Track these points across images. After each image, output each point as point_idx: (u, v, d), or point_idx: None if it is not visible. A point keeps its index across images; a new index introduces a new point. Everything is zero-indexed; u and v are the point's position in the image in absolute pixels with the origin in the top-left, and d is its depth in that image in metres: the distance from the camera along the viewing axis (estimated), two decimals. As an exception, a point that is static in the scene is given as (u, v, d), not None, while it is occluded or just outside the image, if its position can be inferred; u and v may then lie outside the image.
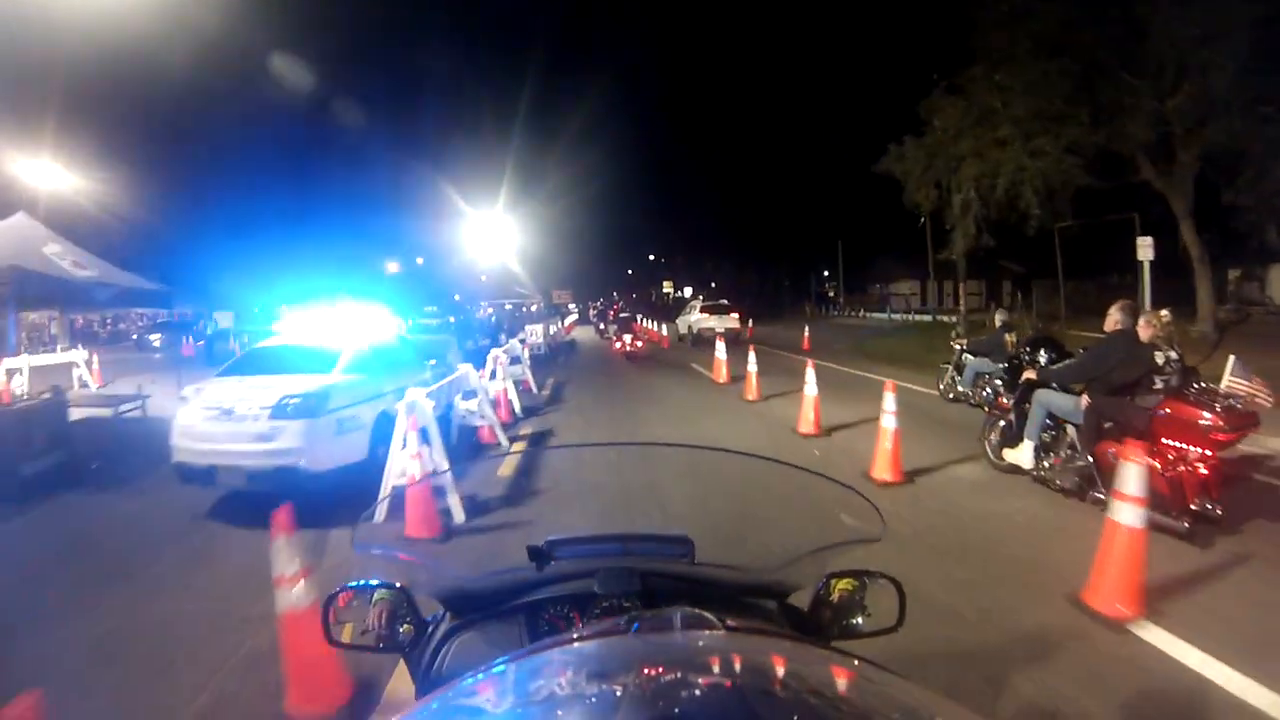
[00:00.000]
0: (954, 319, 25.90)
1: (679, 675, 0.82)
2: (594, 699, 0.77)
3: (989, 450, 6.93)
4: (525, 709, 0.79)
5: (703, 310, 26.94)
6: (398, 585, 1.46)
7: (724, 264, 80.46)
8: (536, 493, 5.11)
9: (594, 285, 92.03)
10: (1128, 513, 3.83)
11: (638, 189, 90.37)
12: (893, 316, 41.78)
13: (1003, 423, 6.77)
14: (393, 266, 57.95)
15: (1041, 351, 7.29)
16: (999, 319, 10.14)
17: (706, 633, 1.00)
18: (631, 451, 5.27)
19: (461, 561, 4.14)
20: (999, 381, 8.49)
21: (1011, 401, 6.69)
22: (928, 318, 37.20)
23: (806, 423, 8.83)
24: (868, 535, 1.56)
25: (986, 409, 7.86)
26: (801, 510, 2.17)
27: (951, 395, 10.78)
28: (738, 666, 0.88)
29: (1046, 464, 6.07)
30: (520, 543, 1.54)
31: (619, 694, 0.76)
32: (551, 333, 23.47)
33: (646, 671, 0.83)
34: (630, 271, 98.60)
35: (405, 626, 1.44)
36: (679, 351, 23.20)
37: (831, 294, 66.68)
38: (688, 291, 68.69)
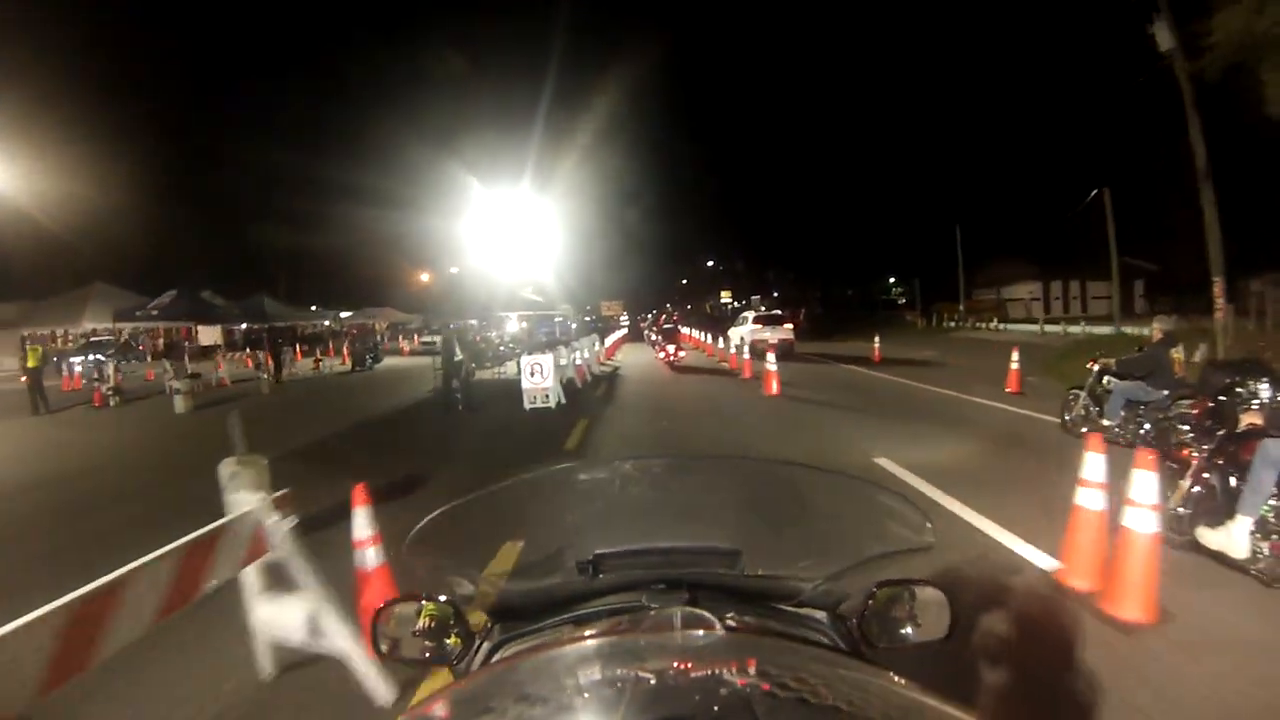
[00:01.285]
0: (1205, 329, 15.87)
1: (678, 675, 0.83)
2: (594, 699, 0.78)
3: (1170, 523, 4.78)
4: (526, 709, 0.79)
5: (756, 321, 26.46)
6: (444, 598, 1.47)
7: (787, 272, 76.23)
8: (591, 507, 3.13)
9: (648, 297, 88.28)
10: None
11: (695, 192, 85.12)
12: (1045, 329, 32.50)
13: (1194, 486, 4.86)
14: (425, 278, 54.89)
15: (1263, 384, 5.09)
16: (1158, 328, 8.42)
17: (706, 633, 0.99)
18: (680, 462, 3.85)
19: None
20: (1184, 426, 6.43)
21: (1207, 456, 4.88)
22: (1105, 329, 29.14)
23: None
24: (919, 544, 1.60)
25: (1165, 460, 5.21)
26: (852, 519, 2.00)
27: (1084, 429, 8.29)
28: (737, 667, 0.88)
29: (1265, 550, 4.30)
30: (578, 553, 1.59)
31: (619, 694, 0.77)
32: (577, 362, 18.24)
33: (646, 671, 0.83)
34: (685, 281, 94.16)
35: (452, 639, 1.44)
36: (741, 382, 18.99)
37: (902, 301, 61.57)
38: (755, 300, 64.09)
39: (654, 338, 34.66)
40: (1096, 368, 8.85)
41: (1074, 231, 39.90)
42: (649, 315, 74.64)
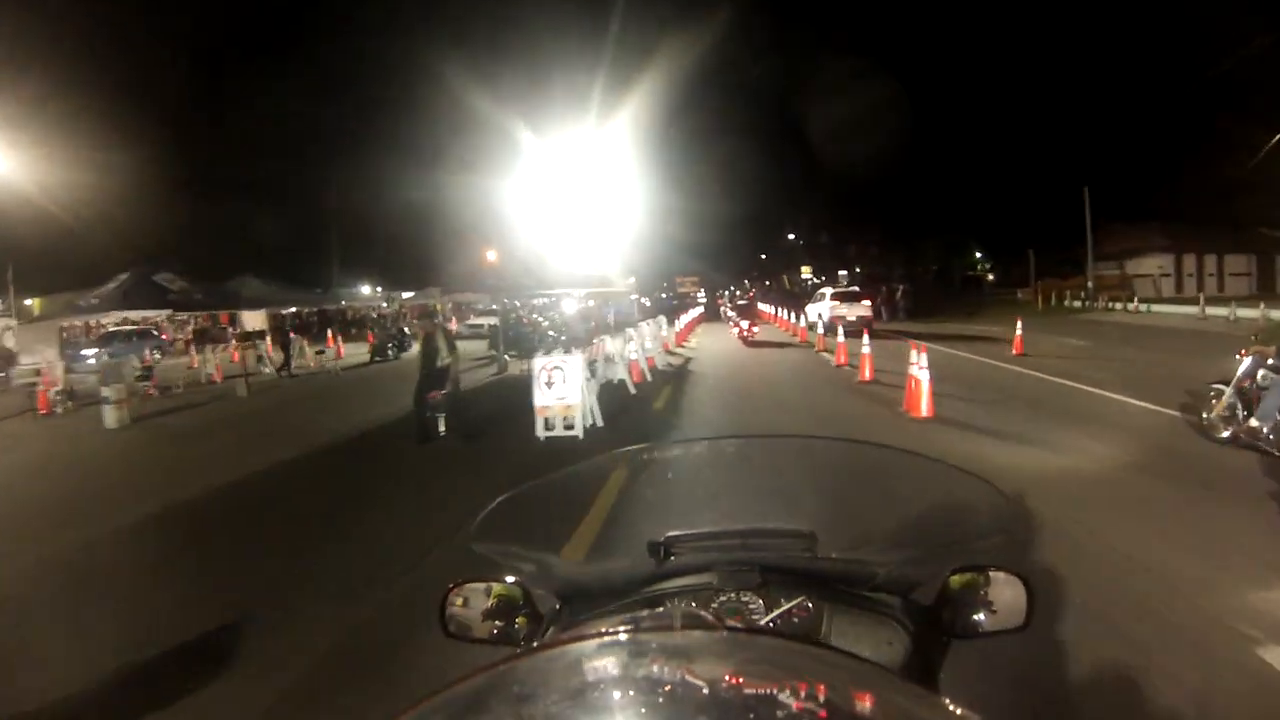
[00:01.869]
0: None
1: (677, 675, 0.81)
2: (593, 699, 0.78)
3: None
4: (523, 709, 0.79)
5: (834, 298, 26.23)
6: (514, 580, 1.47)
7: (870, 246, 69.36)
8: (663, 489, 3.19)
9: (727, 272, 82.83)
10: None
11: (779, 162, 77.82)
12: (1207, 312, 24.51)
13: None
14: (492, 255, 51.11)
15: None
16: None
17: (705, 633, 0.95)
18: (749, 444, 3.84)
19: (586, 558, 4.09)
20: None
21: None
22: (1252, 311, 22.66)
23: None
24: (1000, 531, 1.56)
25: None
26: (931, 503, 1.84)
27: (1227, 432, 7.05)
28: (736, 667, 0.87)
29: None
30: (650, 535, 1.55)
31: (617, 694, 0.77)
32: (632, 355, 13.43)
33: (645, 671, 0.83)
34: (764, 256, 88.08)
35: (521, 620, 1.44)
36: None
37: (990, 276, 54.57)
38: (841, 276, 57.61)
39: (730, 314, 33.70)
40: (1249, 358, 7.29)
41: (1205, 198, 33.00)
42: (727, 291, 69.59)
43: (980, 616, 1.34)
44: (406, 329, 23.89)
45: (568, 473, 3.59)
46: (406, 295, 37.28)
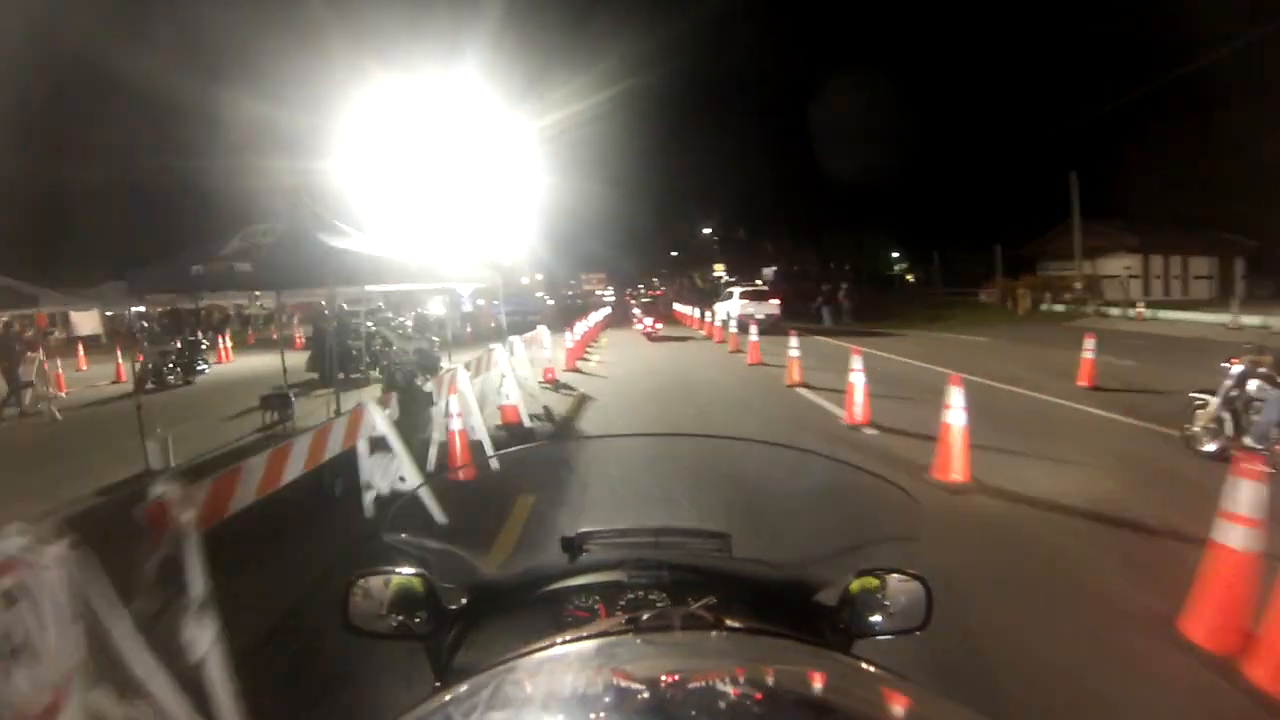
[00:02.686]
0: None
1: (677, 675, 0.82)
2: (592, 699, 0.77)
3: None
4: (523, 709, 0.79)
5: (742, 296, 26.95)
6: (415, 571, 1.42)
7: (784, 242, 65.81)
8: (582, 484, 3.86)
9: (635, 270, 78.24)
10: None
11: (694, 154, 72.21)
12: (1239, 320, 20.29)
13: None
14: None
15: None
16: None
17: (705, 633, 0.99)
18: (668, 445, 4.30)
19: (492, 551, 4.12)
20: None
21: None
22: (1216, 316, 21.38)
23: None
24: (907, 534, 1.55)
25: None
26: (843, 506, 1.94)
27: (1212, 445, 6.76)
28: (736, 667, 0.87)
29: None
30: (563, 531, 1.56)
31: (617, 694, 0.76)
32: (506, 398, 8.92)
33: (645, 672, 0.82)
34: (676, 254, 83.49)
35: (423, 615, 1.39)
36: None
37: (909, 277, 51.59)
38: (767, 274, 53.03)
39: (635, 311, 33.85)
40: (1238, 368, 6.62)
41: (1163, 197, 31.65)
42: (639, 289, 65.46)
43: (878, 619, 1.35)
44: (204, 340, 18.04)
45: (490, 460, 4.62)
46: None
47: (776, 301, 27.26)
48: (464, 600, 1.48)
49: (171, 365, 15.71)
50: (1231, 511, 3.55)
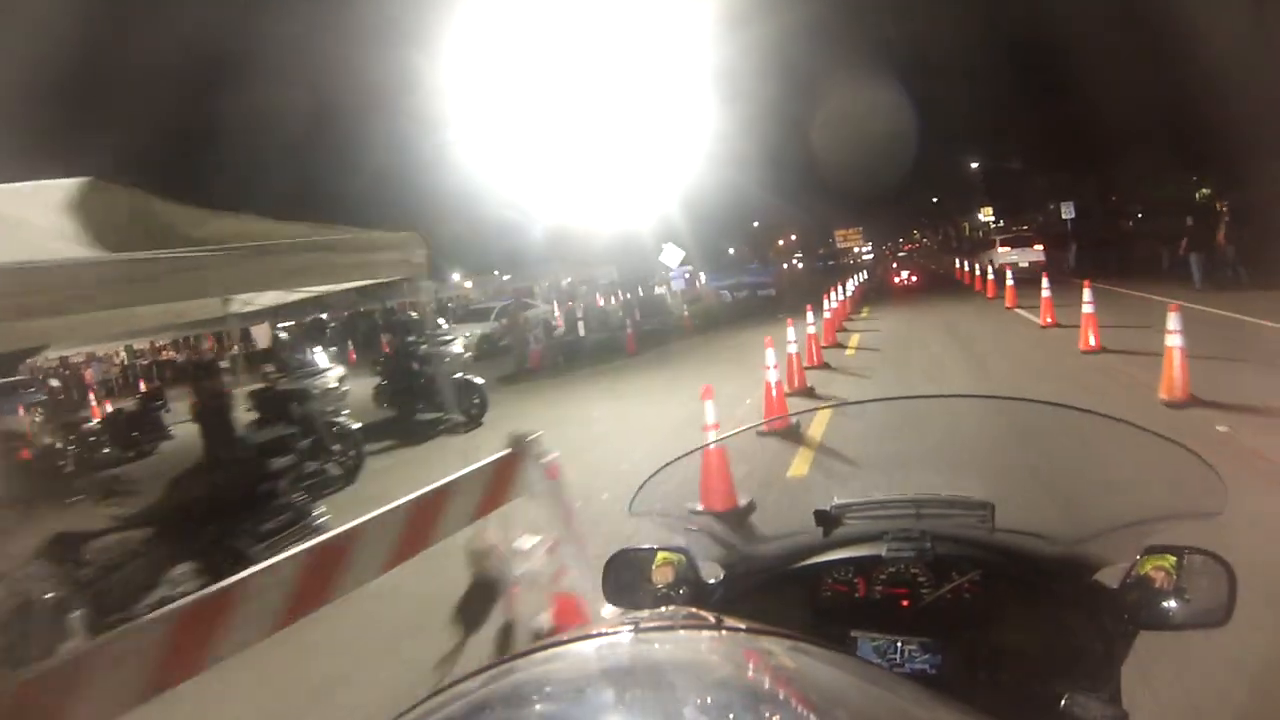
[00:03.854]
0: None
1: (678, 675, 0.82)
2: (593, 699, 0.77)
3: None
4: (522, 709, 0.79)
5: (1002, 244, 25.85)
6: (680, 548, 1.45)
7: (1063, 176, 55.42)
8: (834, 453, 4.49)
9: (895, 220, 72.79)
10: None
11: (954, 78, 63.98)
12: None
13: None
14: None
15: None
16: None
17: (706, 633, 0.99)
18: (933, 403, 2.75)
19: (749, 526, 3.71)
20: None
21: None
22: None
23: None
24: (1204, 509, 1.33)
25: None
26: (1125, 475, 1.76)
27: None
28: (737, 667, 0.88)
29: None
30: (818, 501, 1.57)
31: (617, 694, 0.76)
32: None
33: (645, 671, 0.84)
34: (936, 200, 76.36)
35: (684, 590, 1.42)
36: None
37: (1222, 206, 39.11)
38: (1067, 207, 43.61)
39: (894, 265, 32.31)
40: None
41: None
42: (899, 242, 60.62)
43: (1172, 604, 1.18)
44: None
45: (734, 435, 5.11)
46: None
47: (1040, 247, 25.13)
48: (722, 574, 1.50)
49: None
50: None
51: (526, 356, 17.80)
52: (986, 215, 62.80)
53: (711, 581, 1.46)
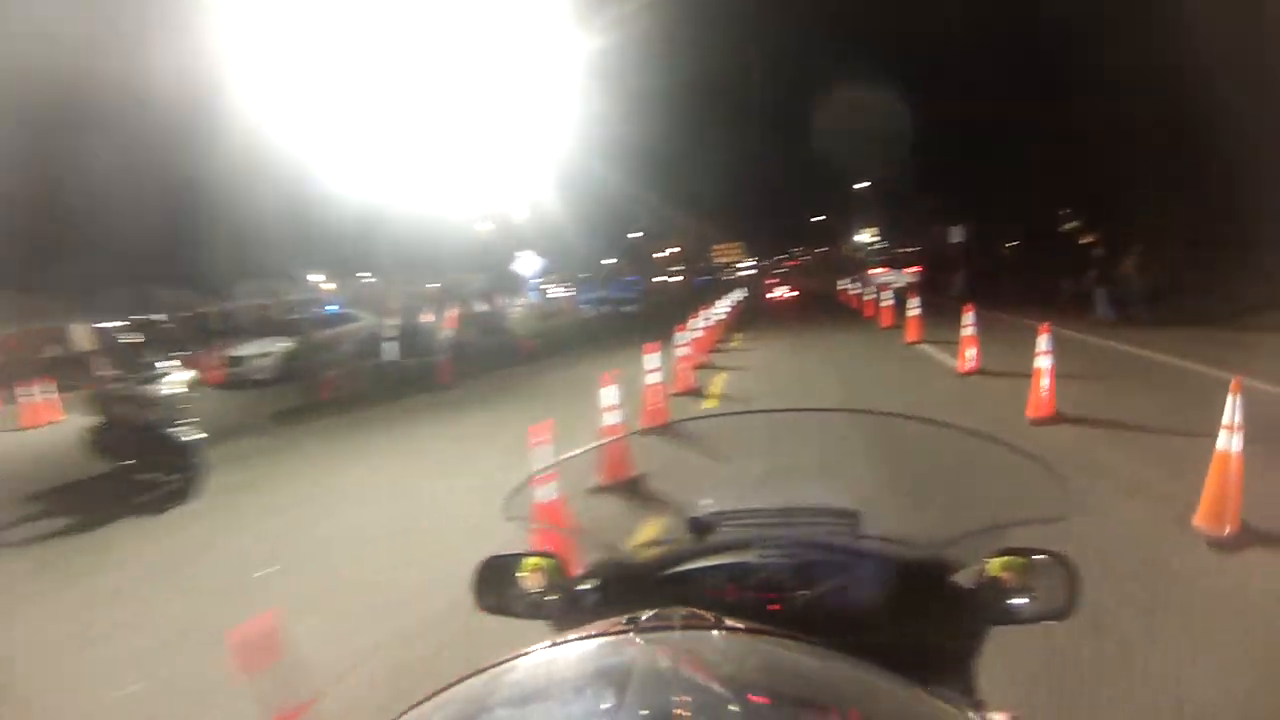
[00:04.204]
0: None
1: (678, 675, 0.82)
2: (592, 699, 0.77)
3: None
4: (522, 709, 0.80)
5: (879, 266, 27.91)
6: (550, 553, 1.47)
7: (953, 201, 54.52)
8: (706, 462, 3.84)
9: (778, 236, 71.99)
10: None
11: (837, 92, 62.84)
12: None
13: None
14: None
15: None
16: None
17: (706, 632, 0.99)
18: (802, 416, 3.47)
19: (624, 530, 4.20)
20: None
21: None
22: None
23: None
24: (1053, 514, 1.47)
25: None
26: (981, 483, 1.83)
27: None
28: (738, 667, 0.88)
29: None
30: (691, 510, 1.61)
31: (617, 694, 0.76)
32: None
33: (645, 671, 0.82)
34: (822, 219, 75.58)
35: (555, 596, 1.43)
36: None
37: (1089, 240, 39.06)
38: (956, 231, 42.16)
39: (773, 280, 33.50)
40: None
41: None
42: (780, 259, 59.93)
43: (1020, 602, 1.30)
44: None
45: (598, 446, 5.04)
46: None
47: (916, 270, 26.88)
48: (596, 581, 1.48)
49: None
50: None
51: (318, 385, 14.17)
52: (870, 236, 62.65)
53: (584, 587, 1.46)
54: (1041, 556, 1.31)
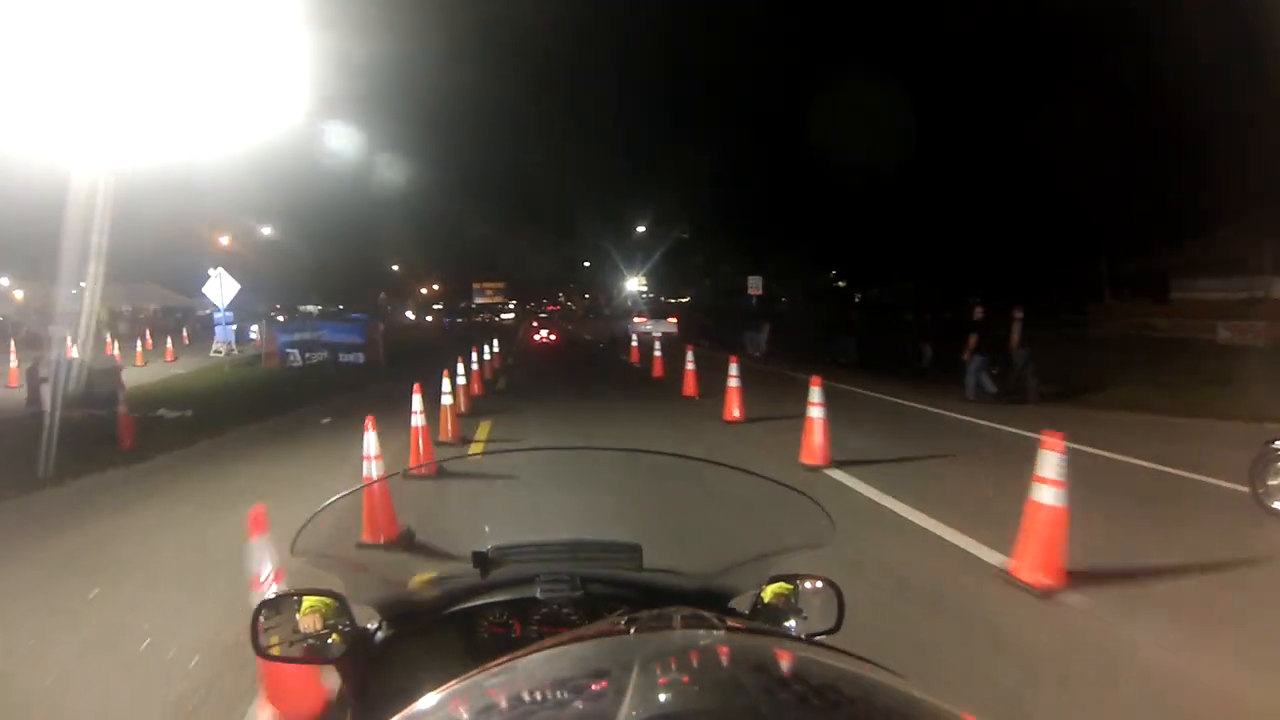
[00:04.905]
0: None
1: (677, 675, 0.81)
2: (591, 699, 0.76)
3: None
4: (521, 709, 0.77)
5: (640, 316, 29.61)
6: (330, 592, 1.38)
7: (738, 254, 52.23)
8: (493, 496, 4.43)
9: (544, 278, 68.28)
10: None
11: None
12: None
13: None
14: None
15: None
16: None
17: (705, 632, 0.96)
18: (581, 458, 4.11)
19: (408, 568, 4.06)
20: None
21: None
22: None
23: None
24: (815, 542, 1.57)
25: None
26: (752, 516, 1.99)
27: None
28: (737, 666, 0.86)
29: None
30: (474, 545, 1.56)
31: (616, 694, 0.74)
32: None
33: (644, 671, 0.80)
34: (588, 264, 72.72)
35: (335, 636, 1.35)
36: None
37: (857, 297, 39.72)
38: (755, 281, 39.04)
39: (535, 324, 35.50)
40: None
41: None
42: (543, 302, 56.35)
43: (792, 623, 1.38)
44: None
45: (392, 476, 4.40)
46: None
47: (674, 320, 29.14)
48: (378, 620, 1.45)
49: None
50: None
51: None
52: (640, 285, 60.74)
53: (369, 626, 1.42)
54: (810, 581, 1.42)
